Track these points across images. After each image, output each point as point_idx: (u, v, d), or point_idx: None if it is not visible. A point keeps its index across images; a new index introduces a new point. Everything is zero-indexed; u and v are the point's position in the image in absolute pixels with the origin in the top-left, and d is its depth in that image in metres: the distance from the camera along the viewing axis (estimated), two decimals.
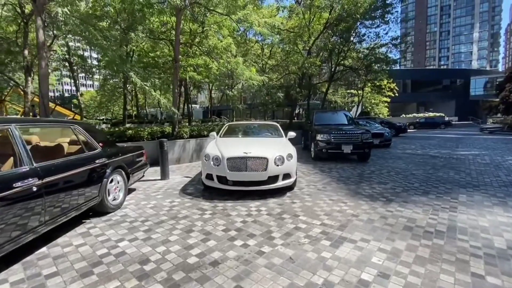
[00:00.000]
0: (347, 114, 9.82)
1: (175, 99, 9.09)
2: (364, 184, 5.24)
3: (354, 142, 7.55)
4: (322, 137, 7.77)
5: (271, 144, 4.90)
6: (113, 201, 3.80)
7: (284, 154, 4.40)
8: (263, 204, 4.02)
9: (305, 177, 5.83)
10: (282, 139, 5.44)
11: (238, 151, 4.30)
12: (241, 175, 4.14)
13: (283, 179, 4.35)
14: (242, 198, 4.29)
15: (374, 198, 4.31)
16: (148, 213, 3.71)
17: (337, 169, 6.79)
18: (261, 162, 4.18)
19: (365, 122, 13.74)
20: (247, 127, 6.38)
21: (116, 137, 7.54)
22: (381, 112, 32.34)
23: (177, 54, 8.80)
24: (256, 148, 4.48)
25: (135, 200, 4.28)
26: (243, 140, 5.26)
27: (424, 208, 3.85)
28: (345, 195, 4.49)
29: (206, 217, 3.50)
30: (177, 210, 3.81)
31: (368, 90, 25.83)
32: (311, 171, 6.49)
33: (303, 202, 4.11)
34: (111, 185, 3.75)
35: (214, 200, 4.22)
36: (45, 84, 6.51)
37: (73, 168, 2.99)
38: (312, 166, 7.23)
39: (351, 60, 18.22)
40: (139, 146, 4.89)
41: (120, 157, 3.94)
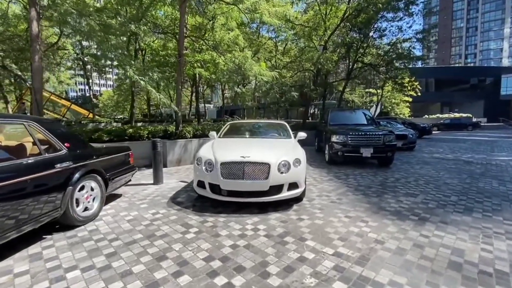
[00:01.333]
0: (367, 113, 8.85)
1: (179, 96, 8.53)
2: (388, 195, 4.36)
3: (375, 144, 6.63)
4: (338, 139, 6.90)
5: (276, 146, 4.15)
6: (84, 212, 3.20)
7: (291, 159, 3.64)
8: (262, 220, 3.28)
9: (317, 185, 5.02)
10: (290, 141, 4.67)
11: (234, 155, 3.59)
12: (237, 184, 3.42)
13: (288, 190, 3.59)
14: (238, 211, 3.57)
15: (402, 216, 3.45)
16: (123, 228, 3.08)
17: (354, 175, 5.92)
18: (262, 169, 3.44)
19: (385, 122, 12.61)
20: (251, 126, 5.66)
21: (114, 136, 7.08)
22: (401, 112, 30.55)
23: (182, 48, 8.23)
24: (257, 151, 3.75)
25: (115, 210, 3.68)
26: (244, 141, 4.54)
27: (470, 232, 2.96)
28: (365, 210, 3.65)
29: (189, 238, 2.81)
30: (158, 225, 3.15)
31: (388, 89, 24.36)
32: (324, 178, 5.66)
33: (312, 219, 3.32)
34: (80, 193, 3.15)
35: (204, 213, 3.53)
36: (38, 79, 6.12)
37: (22, 175, 2.39)
38: (326, 171, 6.39)
39: (370, 57, 17.04)
40: (125, 147, 4.30)
41: (94, 160, 3.34)
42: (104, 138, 6.85)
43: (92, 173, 3.30)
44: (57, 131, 2.95)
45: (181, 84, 8.35)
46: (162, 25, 9.12)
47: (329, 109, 9.07)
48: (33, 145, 2.78)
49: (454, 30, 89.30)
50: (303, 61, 14.79)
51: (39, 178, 2.55)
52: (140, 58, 20.01)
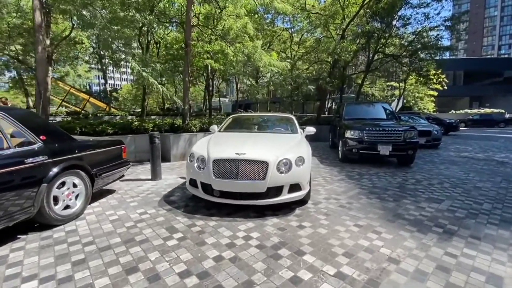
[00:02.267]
0: (386, 107, 8.12)
1: (186, 89, 8.24)
2: (407, 200, 3.81)
3: (395, 141, 5.99)
4: (353, 134, 6.31)
5: (278, 142, 3.71)
6: (65, 210, 2.96)
7: (293, 157, 3.20)
8: (257, 226, 2.89)
9: (326, 186, 4.53)
10: (296, 136, 4.20)
11: (228, 151, 3.20)
12: (230, 184, 3.04)
13: (289, 192, 3.15)
14: (232, 214, 3.20)
15: (423, 226, 2.92)
16: (103, 230, 2.80)
17: (370, 175, 5.35)
18: (259, 168, 3.03)
19: (407, 117, 11.70)
20: (254, 120, 5.23)
21: (119, 128, 6.94)
22: (425, 107, 28.77)
23: (188, 37, 7.90)
24: (255, 147, 3.34)
25: (102, 208, 3.43)
26: (244, 136, 4.13)
27: (510, 252, 2.40)
28: (379, 218, 3.15)
29: (170, 245, 2.48)
30: (141, 228, 2.85)
31: (411, 82, 22.88)
32: (335, 177, 5.15)
33: (315, 227, 2.88)
34: (60, 190, 2.91)
35: (195, 215, 3.19)
36: (42, 70, 6.03)
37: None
38: (338, 170, 5.86)
39: (392, 48, 15.91)
40: (116, 140, 4.04)
41: (76, 154, 3.08)
42: (109, 131, 6.71)
43: (74, 168, 3.05)
44: (30, 123, 2.69)
45: (188, 76, 8.04)
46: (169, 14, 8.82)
47: (345, 102, 8.43)
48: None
49: (487, 19, 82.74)
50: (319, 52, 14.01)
51: (4, 174, 2.29)
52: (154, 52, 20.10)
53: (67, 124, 6.39)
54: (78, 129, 6.09)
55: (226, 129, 4.70)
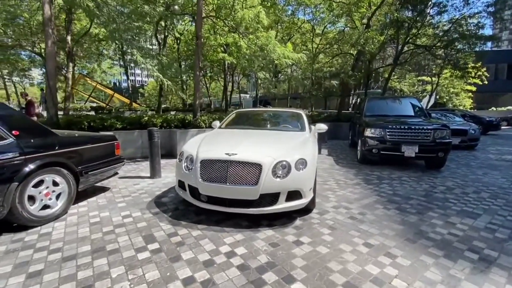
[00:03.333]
0: (415, 103, 7.24)
1: (196, 83, 7.98)
2: (434, 213, 3.18)
3: (422, 141, 5.24)
4: (373, 132, 5.64)
5: (279, 141, 3.26)
6: (43, 211, 2.77)
7: (293, 159, 2.73)
8: (246, 239, 2.48)
9: (337, 191, 4.00)
10: (303, 135, 3.71)
11: (218, 151, 2.81)
12: (218, 189, 2.65)
13: (287, 200, 2.70)
14: (222, 223, 2.82)
15: (452, 250, 2.34)
16: (78, 234, 2.56)
17: (391, 179, 4.71)
18: (251, 171, 2.61)
19: (440, 115, 10.56)
20: (259, 116, 4.79)
21: (127, 123, 6.84)
22: (461, 104, 26.33)
23: (199, 29, 7.60)
24: (249, 147, 2.92)
25: (87, 209, 3.22)
26: (243, 133, 3.72)
27: None
28: (396, 236, 2.60)
29: (141, 258, 2.15)
30: (118, 234, 2.57)
31: (446, 75, 20.95)
32: (350, 181, 4.58)
33: (315, 244, 2.41)
34: (37, 189, 2.71)
35: (181, 222, 2.86)
36: (51, 64, 6.04)
37: None
38: (354, 172, 5.26)
39: (425, 39, 14.51)
40: (108, 136, 3.82)
41: (56, 151, 2.86)
42: (117, 125, 6.64)
43: (54, 166, 2.84)
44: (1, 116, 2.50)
45: (198, 70, 7.76)
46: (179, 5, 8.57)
47: (366, 97, 7.67)
48: None
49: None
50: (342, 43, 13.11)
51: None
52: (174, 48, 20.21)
53: (76, 118, 6.40)
54: (85, 124, 6.05)
55: (228, 126, 4.32)
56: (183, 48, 19.90)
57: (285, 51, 7.40)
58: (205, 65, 20.70)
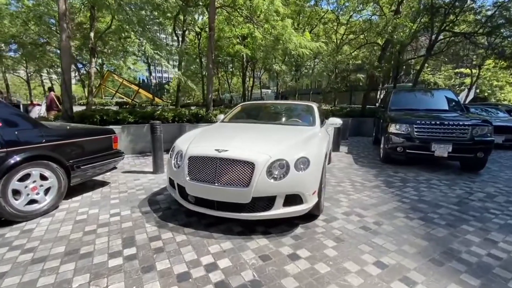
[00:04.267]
0: (450, 96, 6.37)
1: (209, 76, 7.75)
2: (469, 226, 2.62)
3: (457, 139, 4.53)
4: (398, 129, 5.01)
5: (281, 137, 2.86)
6: (29, 205, 2.66)
7: (293, 157, 2.34)
8: (235, 249, 2.15)
9: (352, 194, 3.52)
10: (311, 129, 3.27)
11: (208, 147, 2.50)
12: (205, 190, 2.34)
13: (286, 205, 2.32)
14: (212, 226, 2.52)
15: (493, 279, 1.82)
16: (58, 233, 2.40)
17: (417, 183, 4.11)
18: (242, 170, 2.27)
19: (479, 109, 9.38)
20: (266, 109, 4.40)
21: (139, 117, 6.82)
22: (506, 98, 23.65)
23: (212, 20, 7.33)
24: (245, 143, 2.57)
25: (79, 204, 3.09)
26: (243, 128, 3.37)
27: None
28: (418, 254, 2.12)
29: (111, 266, 1.92)
30: (98, 235, 2.37)
31: (488, 66, 18.84)
32: (368, 184, 4.05)
33: (313, 260, 2.02)
34: (23, 183, 2.60)
35: (168, 223, 2.60)
36: (66, 58, 6.11)
37: None
38: (375, 173, 4.70)
39: (464, 26, 13.02)
40: (105, 129, 3.68)
41: (43, 144, 2.73)
42: (130, 119, 6.64)
43: (41, 159, 2.72)
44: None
45: (211, 62, 7.52)
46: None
47: (392, 90, 6.92)
48: None
49: None
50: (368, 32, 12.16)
51: None
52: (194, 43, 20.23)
53: (90, 112, 6.47)
54: (98, 117, 6.07)
55: (231, 119, 4.00)
56: (204, 44, 19.88)
57: (301, 40, 6.88)
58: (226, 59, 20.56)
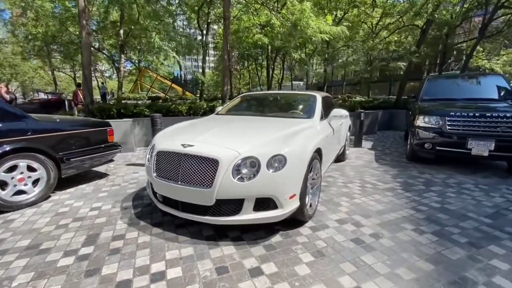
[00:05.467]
0: (501, 83, 5.28)
1: (225, 67, 7.57)
2: (499, 248, 2.03)
3: (502, 135, 3.69)
4: (427, 121, 4.28)
5: (265, 130, 2.51)
6: (16, 196, 2.73)
7: (265, 155, 2.00)
8: (195, 255, 1.92)
9: (357, 198, 3.04)
10: (306, 122, 2.85)
11: (177, 141, 2.27)
12: (169, 188, 2.13)
13: (257, 209, 2.00)
14: (184, 228, 2.32)
15: None
16: (34, 225, 2.40)
17: (445, 186, 3.44)
18: (205, 168, 2.00)
19: None
20: (264, 100, 4.02)
21: (154, 110, 6.92)
22: None
23: (227, 8, 7.11)
24: (213, 137, 2.29)
25: (69, 196, 3.12)
26: (231, 120, 3.07)
27: None
28: (414, 282, 1.65)
29: (60, 265, 1.82)
30: (66, 229, 2.31)
31: None
32: (382, 186, 3.50)
33: (278, 277, 1.69)
34: (10, 174, 2.67)
35: (141, 221, 2.46)
36: (86, 54, 6.40)
37: None
38: (395, 173, 4.08)
39: None
40: (99, 122, 3.68)
41: (28, 136, 2.77)
42: (146, 112, 6.77)
43: (28, 151, 2.76)
44: None
45: (227, 53, 7.30)
46: None
47: (427, 77, 5.96)
48: None
49: None
50: (405, 15, 10.81)
51: None
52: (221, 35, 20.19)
53: (108, 105, 6.73)
54: (114, 111, 6.28)
55: (227, 112, 3.72)
56: (232, 37, 19.75)
57: (320, 25, 6.27)
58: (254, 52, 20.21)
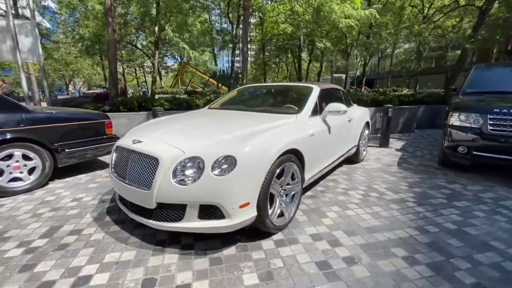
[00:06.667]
0: None
1: (244, 60, 7.34)
2: None
3: None
4: (463, 120, 3.49)
5: (232, 127, 2.21)
6: (13, 182, 2.93)
7: (211, 155, 1.73)
8: (132, 261, 1.77)
9: (350, 209, 2.58)
10: (288, 119, 2.46)
11: (132, 136, 2.13)
12: (120, 187, 2.01)
13: (202, 217, 1.76)
14: (140, 228, 2.19)
15: None
16: (15, 212, 2.52)
17: (475, 202, 2.74)
18: (146, 167, 1.83)
19: None
20: (257, 93, 3.67)
21: (174, 104, 7.08)
22: None
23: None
24: (165, 134, 2.11)
25: (63, 185, 3.26)
26: (208, 115, 2.84)
27: None
28: None
29: (4, 257, 1.83)
30: (39, 219, 2.37)
31: None
32: (391, 195, 2.93)
33: None
34: (5, 163, 2.86)
35: (108, 217, 2.41)
36: (113, 50, 6.76)
37: None
38: (415, 181, 3.42)
39: None
40: (97, 115, 3.77)
41: (22, 127, 2.93)
42: (165, 106, 6.95)
43: (22, 141, 2.94)
44: None
45: (246, 45, 7.05)
46: None
47: (474, 65, 4.86)
48: None
49: None
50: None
51: None
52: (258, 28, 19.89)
53: (129, 99, 7.06)
54: (135, 104, 6.56)
55: (220, 105, 3.49)
56: (268, 29, 19.14)
57: (344, 8, 5.59)
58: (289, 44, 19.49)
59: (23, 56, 5.58)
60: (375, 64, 36.54)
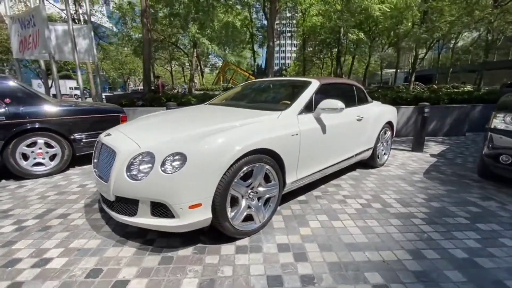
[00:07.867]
0: None
1: (270, 53, 7.15)
2: None
3: None
4: (509, 122, 2.82)
5: (202, 123, 2.11)
6: (36, 167, 3.33)
7: (162, 151, 1.68)
8: (94, 250, 1.83)
9: (341, 220, 2.28)
10: (267, 116, 2.24)
11: (111, 129, 2.21)
12: (94, 177, 2.11)
13: (154, 214, 1.72)
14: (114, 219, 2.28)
15: None
16: (28, 193, 2.86)
17: (506, 226, 2.18)
18: (108, 160, 1.87)
19: None
20: (259, 88, 3.46)
21: (200, 100, 7.30)
22: None
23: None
24: (137, 128, 2.13)
25: (80, 171, 3.59)
26: (196, 111, 2.78)
27: None
28: None
29: None
30: (42, 201, 2.64)
31: None
32: (399, 209, 2.52)
33: None
34: (30, 149, 3.26)
35: (99, 203, 2.58)
36: (147, 49, 7.22)
37: None
38: (437, 193, 2.89)
39: None
40: (113, 109, 4.04)
41: (43, 118, 3.29)
42: (192, 102, 7.22)
43: (44, 131, 3.31)
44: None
45: (272, 39, 6.86)
46: None
47: None
48: None
49: None
50: None
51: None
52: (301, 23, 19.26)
53: (158, 96, 7.48)
54: (164, 99, 6.94)
55: (219, 101, 3.42)
56: (306, 23, 18.24)
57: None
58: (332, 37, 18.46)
59: (80, 56, 6.41)
60: (435, 58, 32.47)
